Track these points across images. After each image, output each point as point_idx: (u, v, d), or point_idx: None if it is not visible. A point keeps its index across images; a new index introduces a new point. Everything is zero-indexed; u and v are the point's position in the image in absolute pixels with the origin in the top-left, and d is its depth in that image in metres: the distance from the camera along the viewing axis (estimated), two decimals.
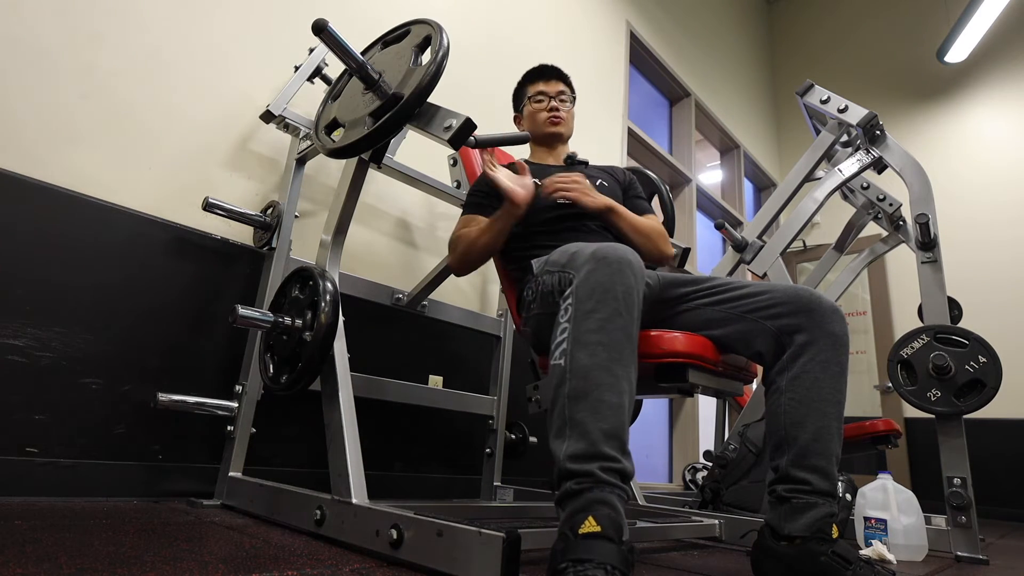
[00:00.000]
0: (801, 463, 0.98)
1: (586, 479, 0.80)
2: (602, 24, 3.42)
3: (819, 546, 0.92)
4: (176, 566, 0.80)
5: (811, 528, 0.94)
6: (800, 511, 0.96)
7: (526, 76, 1.71)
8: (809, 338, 1.03)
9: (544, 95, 1.64)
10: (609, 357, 0.86)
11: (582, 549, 0.73)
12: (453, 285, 2.22)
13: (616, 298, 0.89)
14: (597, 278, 0.91)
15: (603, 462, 0.80)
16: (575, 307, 0.91)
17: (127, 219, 1.51)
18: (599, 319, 0.88)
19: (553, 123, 1.62)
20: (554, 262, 1.07)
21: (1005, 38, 4.32)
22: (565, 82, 1.68)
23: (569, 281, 0.95)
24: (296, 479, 1.44)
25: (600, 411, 0.83)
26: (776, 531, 0.97)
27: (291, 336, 1.22)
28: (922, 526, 1.56)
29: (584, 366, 0.86)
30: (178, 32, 1.68)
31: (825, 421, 0.99)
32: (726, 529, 1.58)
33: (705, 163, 5.08)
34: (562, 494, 0.82)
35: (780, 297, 1.09)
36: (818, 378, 1.01)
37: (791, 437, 1.00)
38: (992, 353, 1.68)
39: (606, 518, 0.75)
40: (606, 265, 0.91)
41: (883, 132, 2.04)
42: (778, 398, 1.04)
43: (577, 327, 0.89)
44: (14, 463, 1.28)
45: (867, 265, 2.67)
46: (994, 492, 3.37)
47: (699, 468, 3.02)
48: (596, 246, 0.95)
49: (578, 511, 0.77)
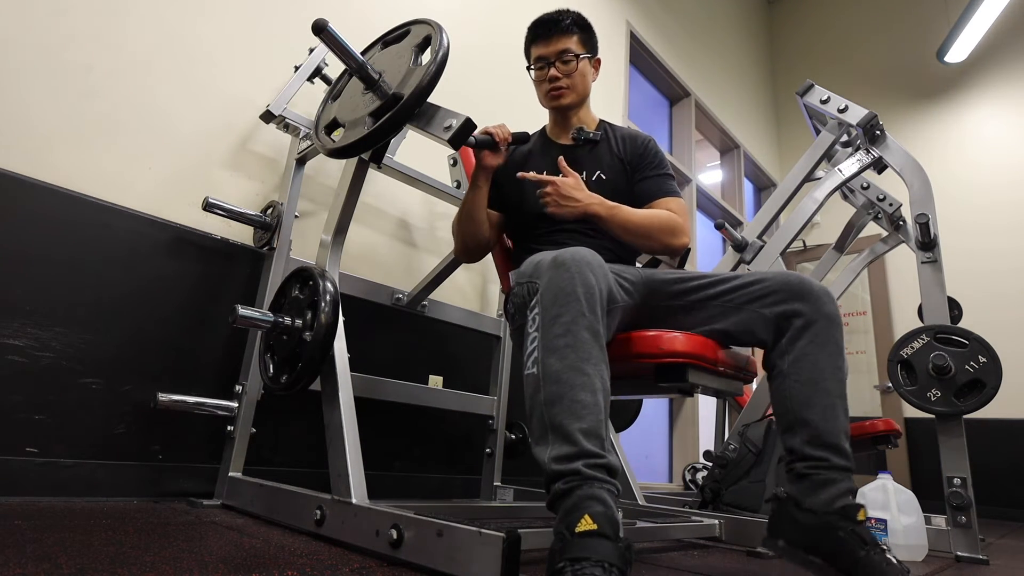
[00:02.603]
0: (816, 442, 0.99)
1: (573, 477, 0.80)
2: (602, 24, 3.42)
3: (841, 521, 0.92)
4: (176, 566, 0.80)
5: (832, 503, 0.94)
6: (821, 486, 0.96)
7: (527, 35, 1.47)
8: (806, 321, 1.06)
9: (543, 60, 1.42)
10: (579, 357, 0.88)
11: (579, 548, 0.73)
12: (453, 285, 2.22)
13: (578, 299, 0.91)
14: (558, 283, 0.92)
15: (587, 459, 0.81)
16: (541, 315, 0.92)
17: (127, 219, 1.51)
18: (564, 322, 0.90)
19: (552, 97, 1.43)
20: (522, 273, 1.09)
21: (1005, 38, 4.32)
22: (570, 32, 1.41)
23: (535, 290, 0.96)
24: (296, 479, 1.43)
25: (576, 411, 0.84)
26: (799, 503, 0.97)
27: (291, 336, 1.22)
28: (922, 526, 1.56)
29: (556, 370, 0.87)
30: (178, 32, 1.68)
31: (831, 399, 1.01)
32: (726, 529, 1.58)
33: (705, 163, 5.07)
34: (552, 496, 0.82)
35: (773, 285, 1.11)
36: (818, 358, 1.04)
37: (802, 418, 1.01)
38: (992, 353, 1.67)
39: (601, 515, 0.76)
40: (565, 269, 0.93)
41: (883, 132, 2.04)
42: (783, 381, 1.06)
43: (545, 334, 0.91)
44: (14, 463, 1.28)
45: (867, 265, 2.67)
46: (994, 492, 3.37)
47: (699, 468, 3.02)
48: (556, 252, 0.97)
49: (571, 510, 0.77)
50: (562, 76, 1.41)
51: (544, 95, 1.45)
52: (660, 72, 3.95)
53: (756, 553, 1.40)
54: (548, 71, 1.41)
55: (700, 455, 3.21)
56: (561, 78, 1.40)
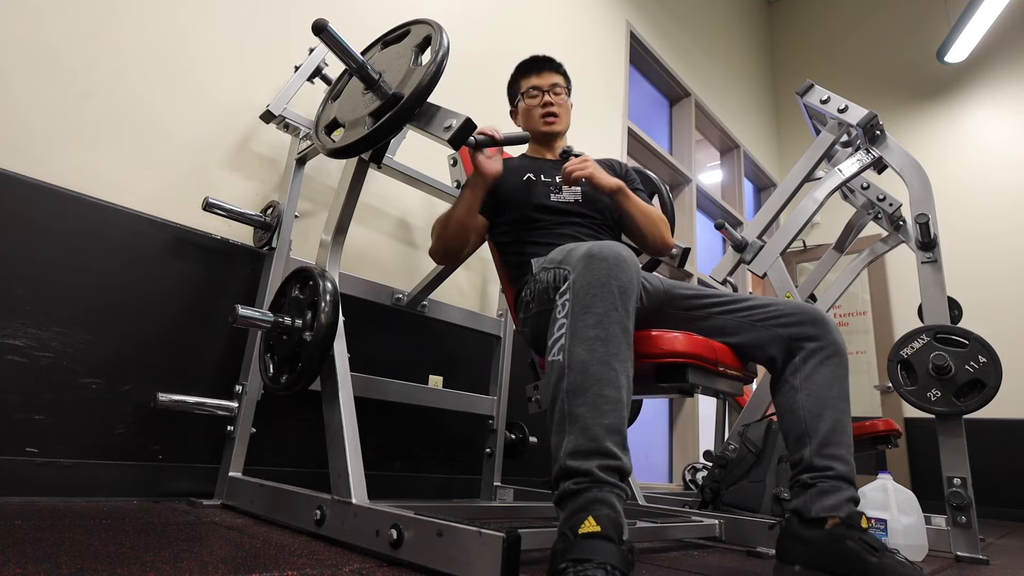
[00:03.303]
0: (822, 452, 1.03)
1: (584, 478, 0.80)
2: (602, 24, 3.42)
3: (848, 531, 0.95)
4: (176, 566, 0.80)
5: (837, 508, 0.97)
6: (825, 493, 1.00)
7: (518, 69, 1.67)
8: (819, 344, 1.12)
9: (538, 90, 1.59)
10: (607, 352, 0.87)
11: (582, 549, 0.73)
12: (453, 285, 2.22)
13: (612, 293, 0.90)
14: (593, 274, 0.92)
15: (603, 459, 0.81)
16: (572, 303, 0.91)
17: (127, 219, 1.51)
18: (596, 314, 0.89)
19: (547, 123, 1.59)
20: (551, 259, 1.10)
21: (1005, 38, 4.32)
22: (559, 72, 1.63)
23: (564, 277, 0.96)
24: (296, 479, 1.43)
25: (600, 406, 0.84)
26: (803, 516, 1.00)
27: (291, 336, 1.22)
28: (922, 526, 1.56)
29: (583, 361, 0.86)
30: (179, 31, 1.68)
31: (839, 415, 1.06)
32: (726, 529, 1.58)
33: (705, 163, 5.07)
34: (561, 494, 0.82)
35: (787, 309, 1.17)
36: (829, 378, 1.09)
37: (812, 429, 1.06)
38: (992, 353, 1.67)
39: (606, 518, 0.75)
40: (602, 260, 0.93)
41: (883, 132, 2.03)
42: (794, 395, 1.10)
43: (575, 323, 0.90)
44: (14, 463, 1.28)
45: (867, 265, 2.67)
46: (994, 492, 3.37)
47: (699, 468, 3.02)
48: (591, 244, 0.97)
49: (577, 511, 0.77)
50: (555, 105, 1.58)
51: (539, 119, 1.59)
52: (660, 72, 3.95)
53: (756, 553, 1.40)
54: (542, 98, 1.58)
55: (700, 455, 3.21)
56: (555, 106, 1.58)
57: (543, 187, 1.49)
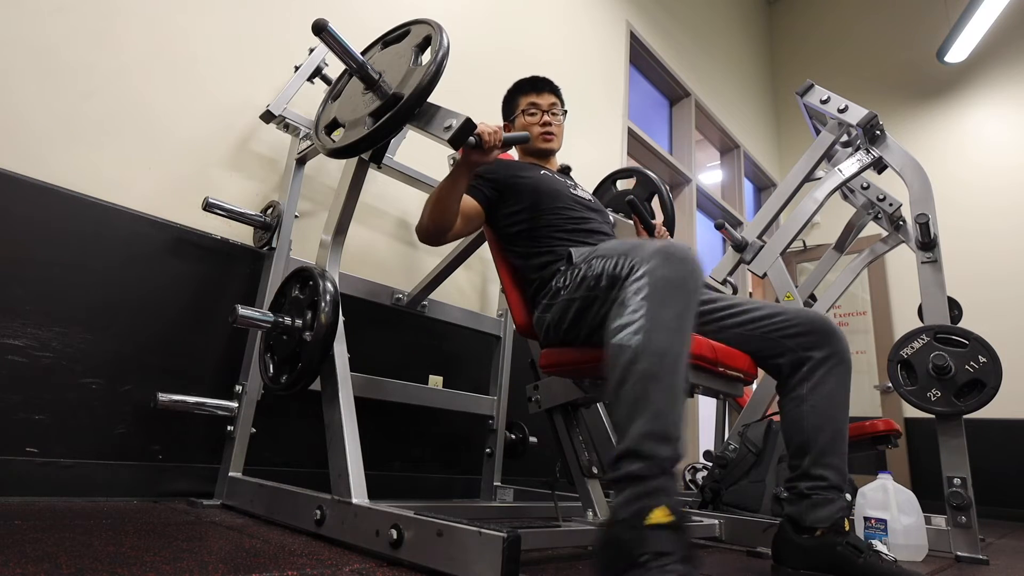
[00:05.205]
0: (820, 461, 1.13)
1: (655, 464, 0.79)
2: (602, 24, 3.42)
3: (836, 537, 1.07)
4: (176, 566, 0.80)
5: (831, 520, 1.08)
6: (819, 505, 1.10)
7: (518, 86, 1.67)
8: (826, 355, 1.18)
9: (537, 108, 1.61)
10: (683, 348, 0.89)
11: (659, 541, 0.73)
12: (453, 285, 2.22)
13: (688, 294, 0.92)
14: (674, 271, 0.93)
15: (674, 450, 0.81)
16: (650, 292, 0.91)
17: (127, 219, 1.51)
18: (676, 310, 0.90)
19: (546, 139, 1.60)
20: (608, 249, 1.10)
21: (1005, 38, 4.32)
22: (557, 95, 1.65)
23: (632, 267, 0.96)
24: (296, 479, 1.43)
25: (675, 397, 0.85)
26: (797, 524, 1.12)
27: (291, 336, 1.22)
28: (922, 526, 1.56)
29: (662, 348, 0.86)
30: (179, 32, 1.68)
31: (839, 425, 1.15)
32: (726, 529, 1.58)
33: (705, 163, 5.07)
34: (625, 475, 0.80)
35: (795, 319, 1.22)
36: (834, 388, 1.17)
37: (813, 440, 1.14)
38: (992, 353, 1.67)
39: (678, 511, 0.76)
40: (679, 260, 0.94)
41: (883, 132, 2.03)
42: (799, 406, 1.17)
43: (654, 311, 0.89)
44: (14, 463, 1.28)
45: (867, 265, 2.67)
46: (994, 492, 3.36)
47: (699, 468, 3.02)
48: (662, 242, 0.99)
49: (643, 496, 0.77)
50: (553, 124, 1.62)
51: (538, 136, 1.61)
52: (660, 72, 3.94)
53: (756, 553, 1.40)
54: (541, 117, 1.62)
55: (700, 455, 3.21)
56: (552, 123, 1.62)
57: (561, 183, 1.51)
